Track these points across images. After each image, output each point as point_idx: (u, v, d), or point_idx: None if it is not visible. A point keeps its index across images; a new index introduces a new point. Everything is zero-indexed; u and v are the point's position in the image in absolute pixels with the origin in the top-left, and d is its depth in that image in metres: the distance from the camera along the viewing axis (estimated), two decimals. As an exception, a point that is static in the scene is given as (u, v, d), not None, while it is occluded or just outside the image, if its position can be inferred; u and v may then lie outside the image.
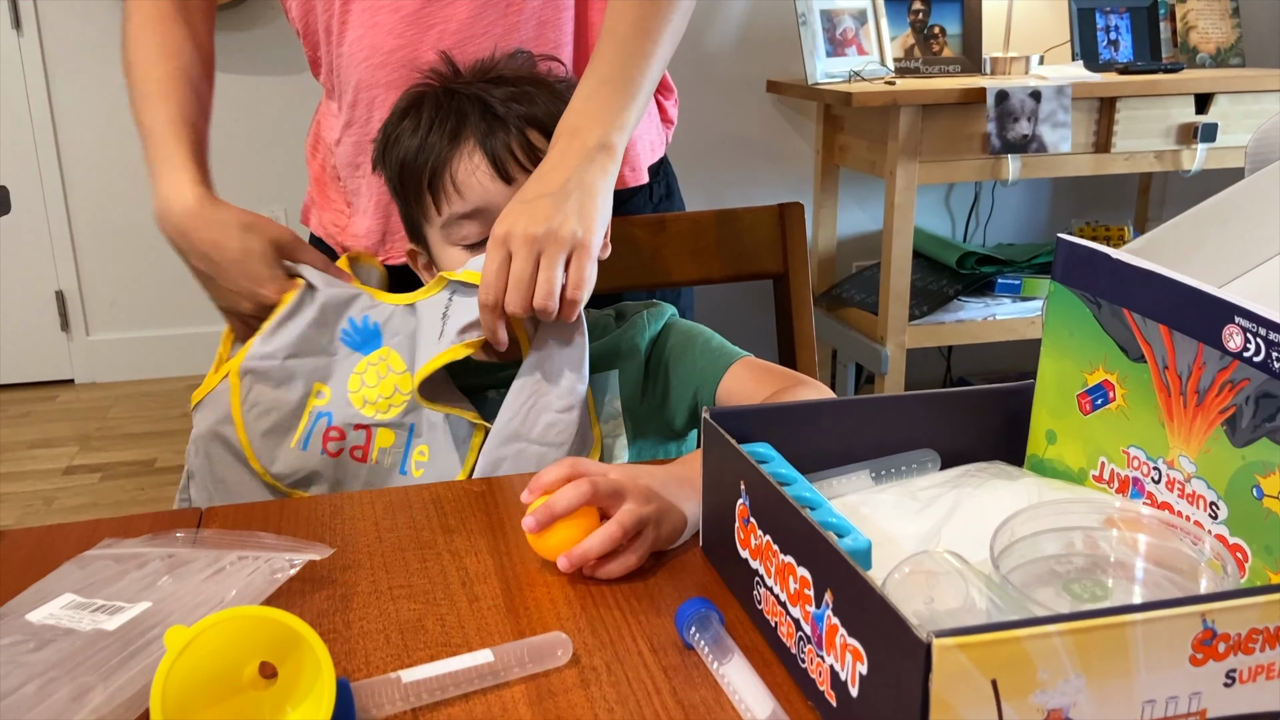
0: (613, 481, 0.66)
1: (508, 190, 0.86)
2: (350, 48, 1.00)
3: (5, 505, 2.45)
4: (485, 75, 0.91)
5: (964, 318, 2.50)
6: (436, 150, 0.87)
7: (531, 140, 0.87)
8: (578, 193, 0.82)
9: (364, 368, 0.91)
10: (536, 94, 0.89)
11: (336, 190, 1.10)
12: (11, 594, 0.61)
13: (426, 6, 0.97)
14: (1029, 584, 0.55)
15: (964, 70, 2.62)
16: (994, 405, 0.72)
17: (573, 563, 0.64)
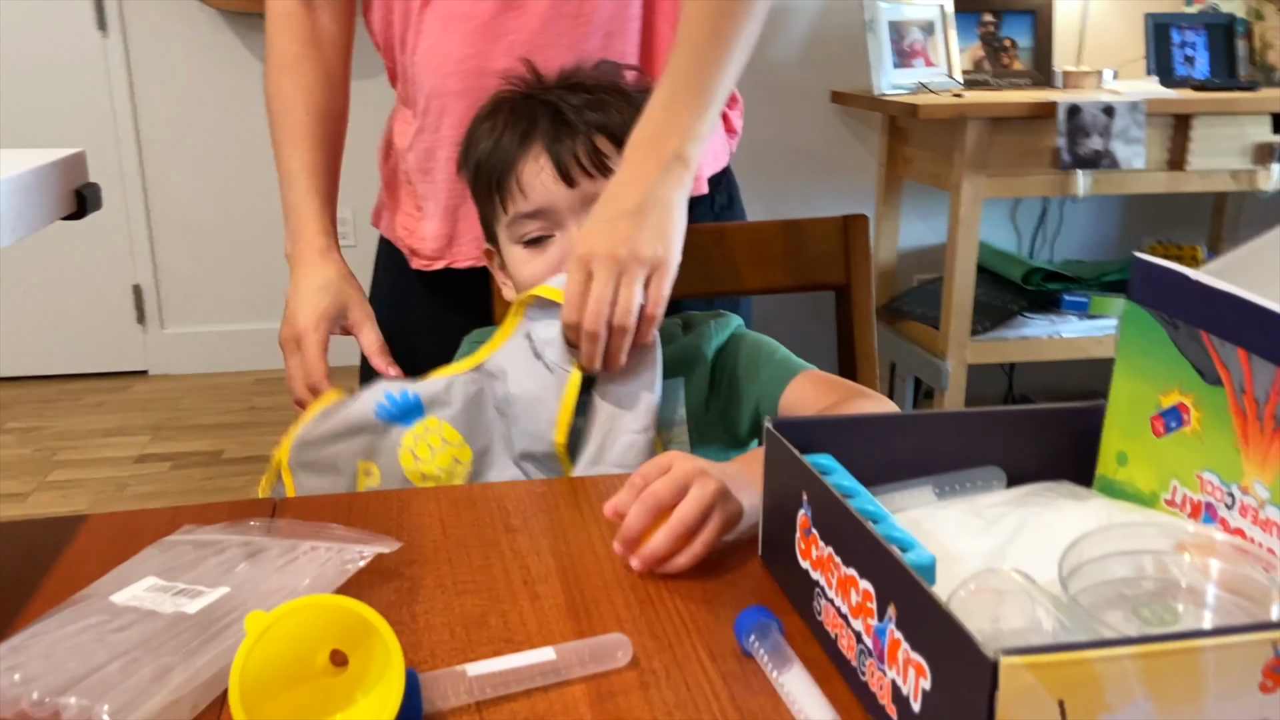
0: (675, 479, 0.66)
1: (570, 193, 0.88)
2: (422, 56, 1.03)
3: (80, 491, 2.53)
4: (564, 82, 0.93)
5: (1028, 334, 2.47)
6: (507, 152, 0.90)
7: (599, 146, 0.89)
8: (655, 210, 0.84)
9: (412, 441, 0.88)
10: (612, 102, 0.91)
11: (407, 194, 1.12)
12: (93, 576, 0.63)
13: (498, 17, 0.99)
14: (1097, 606, 0.55)
15: (1034, 84, 2.59)
16: (1063, 424, 0.72)
17: (645, 562, 0.65)
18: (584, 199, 0.88)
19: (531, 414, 0.87)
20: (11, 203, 0.78)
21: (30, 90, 3.01)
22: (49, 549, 0.69)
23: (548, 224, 0.89)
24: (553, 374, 0.87)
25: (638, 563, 0.66)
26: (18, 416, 2.96)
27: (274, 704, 0.51)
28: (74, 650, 0.53)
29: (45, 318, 3.19)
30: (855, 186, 2.93)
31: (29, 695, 0.50)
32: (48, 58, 3.01)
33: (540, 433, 0.87)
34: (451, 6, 1.00)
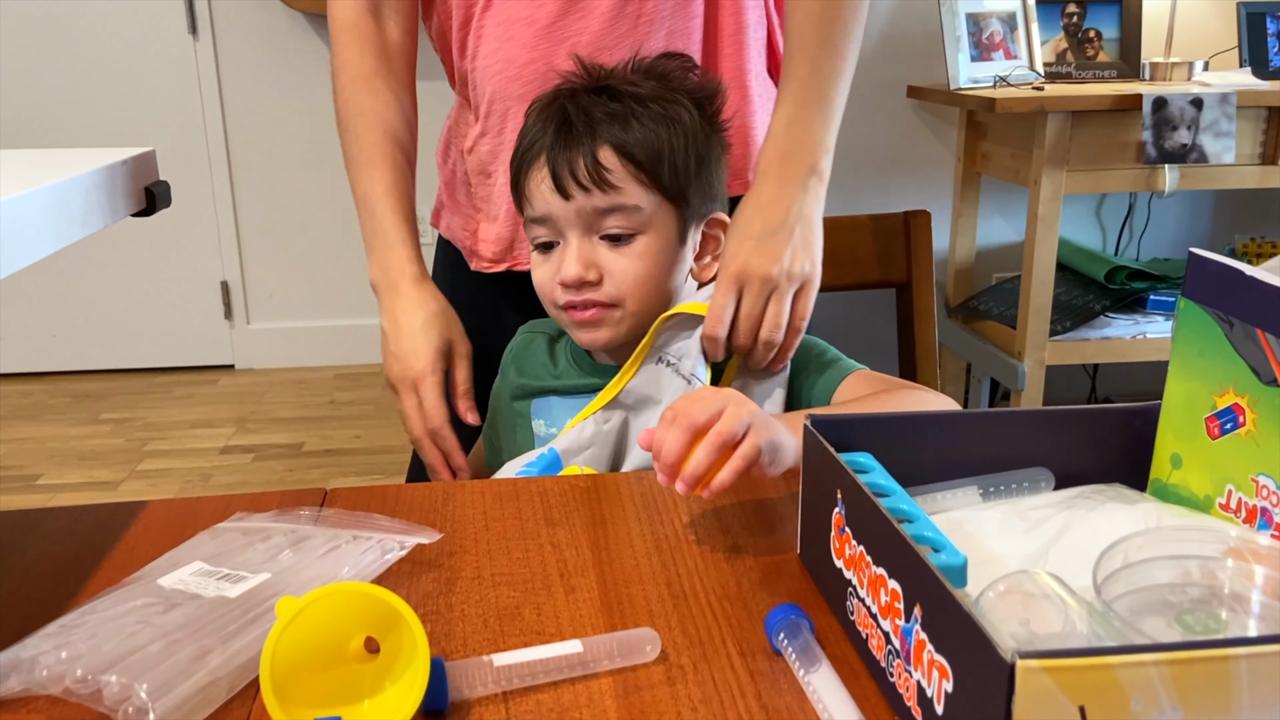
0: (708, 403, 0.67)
1: (565, 205, 0.86)
2: (484, 61, 1.03)
3: (168, 480, 2.62)
4: (597, 84, 0.90)
5: (1110, 335, 2.39)
6: (524, 155, 0.90)
7: (601, 160, 0.86)
8: (800, 226, 0.88)
9: None
10: (641, 113, 0.87)
11: (466, 195, 1.13)
12: (148, 559, 0.65)
13: (561, 20, 0.99)
14: (1139, 612, 0.53)
15: (1120, 76, 2.51)
16: (1116, 425, 0.69)
17: (688, 483, 0.66)
18: (580, 212, 0.87)
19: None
20: (82, 199, 0.81)
21: (124, 91, 3.14)
22: (109, 533, 0.72)
23: (551, 231, 0.89)
24: (690, 385, 0.88)
25: (682, 486, 0.66)
26: (112, 408, 3.09)
27: (304, 687, 0.52)
28: (118, 630, 0.55)
29: (138, 313, 3.32)
30: (932, 183, 2.88)
31: (73, 672, 0.52)
32: (141, 60, 3.13)
33: None
34: (512, 10, 1.00)
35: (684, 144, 0.88)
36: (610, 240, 0.87)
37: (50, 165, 0.83)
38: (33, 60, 3.08)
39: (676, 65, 0.93)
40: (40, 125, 3.10)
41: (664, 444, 0.66)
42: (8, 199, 0.71)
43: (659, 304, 0.90)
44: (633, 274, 0.87)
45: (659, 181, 0.87)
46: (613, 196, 0.86)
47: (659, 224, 0.88)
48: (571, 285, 0.87)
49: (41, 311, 3.28)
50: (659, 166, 0.86)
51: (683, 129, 0.88)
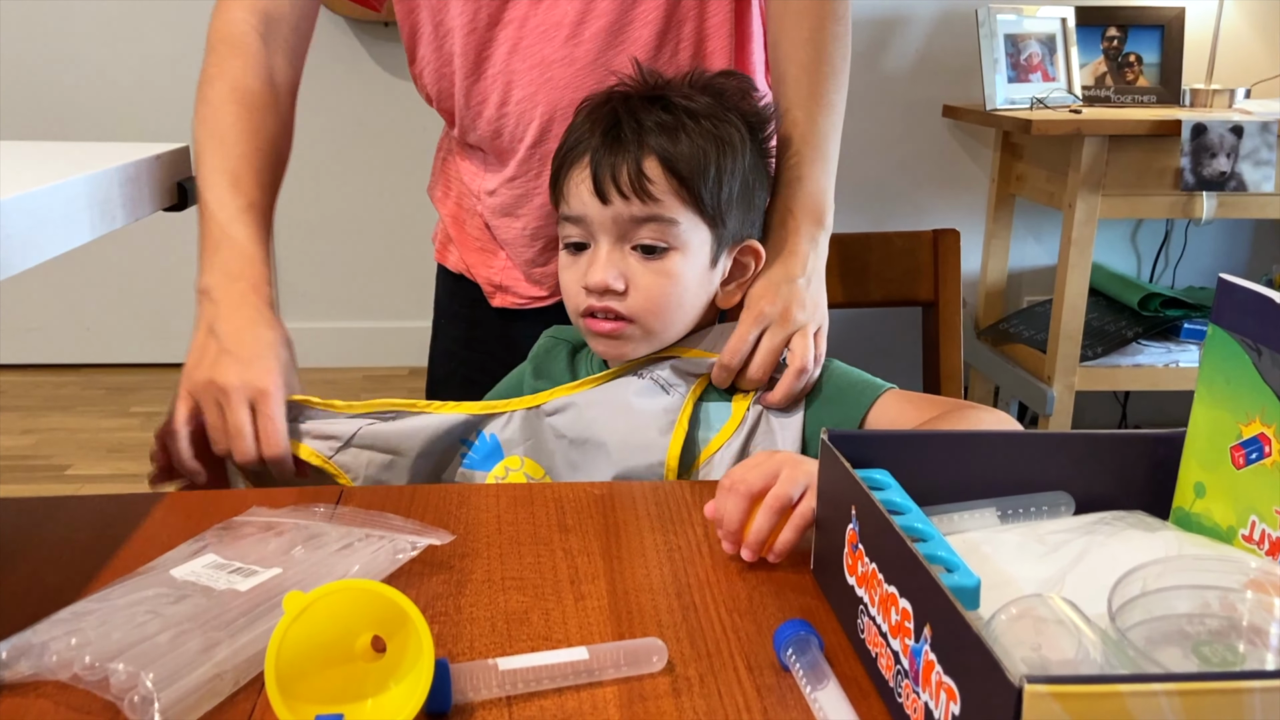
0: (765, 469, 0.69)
1: (603, 209, 0.85)
2: (519, 107, 0.99)
3: (193, 474, 2.65)
4: (651, 91, 0.89)
5: (1143, 362, 2.36)
6: (569, 152, 0.89)
7: (645, 170, 0.85)
8: (814, 278, 0.94)
9: (493, 481, 0.89)
10: (691, 128, 0.86)
11: (481, 232, 1.10)
12: (163, 549, 0.66)
13: (601, 56, 0.97)
14: (1155, 641, 0.52)
15: (1160, 101, 2.48)
16: (1139, 452, 0.68)
17: (753, 549, 0.67)
18: (616, 219, 0.85)
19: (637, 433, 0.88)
20: (114, 192, 0.82)
21: (168, 90, 3.18)
22: (127, 523, 0.72)
23: (584, 233, 0.88)
24: (669, 394, 0.88)
25: (748, 553, 0.68)
26: (143, 401, 3.12)
27: (309, 683, 0.52)
28: (128, 619, 0.55)
29: (171, 309, 3.36)
30: (966, 203, 2.86)
31: (81, 659, 0.52)
32: (186, 60, 3.17)
33: (650, 443, 0.87)
34: (544, 52, 0.97)
35: (731, 166, 0.87)
36: (642, 251, 0.86)
37: (84, 158, 0.85)
38: (76, 58, 3.13)
39: (735, 85, 0.92)
40: (80, 121, 3.15)
41: (724, 513, 0.69)
42: (41, 189, 0.72)
43: (678, 326, 0.89)
44: (657, 291, 0.86)
45: (699, 199, 0.85)
46: (651, 207, 0.85)
47: (693, 242, 0.87)
48: (596, 291, 0.87)
49: (77, 305, 3.33)
50: (702, 184, 0.85)
51: (732, 150, 0.87)
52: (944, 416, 0.82)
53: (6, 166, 0.86)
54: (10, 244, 0.70)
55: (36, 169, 0.81)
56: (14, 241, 0.70)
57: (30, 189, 0.72)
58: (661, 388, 0.89)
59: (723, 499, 0.69)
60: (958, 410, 0.83)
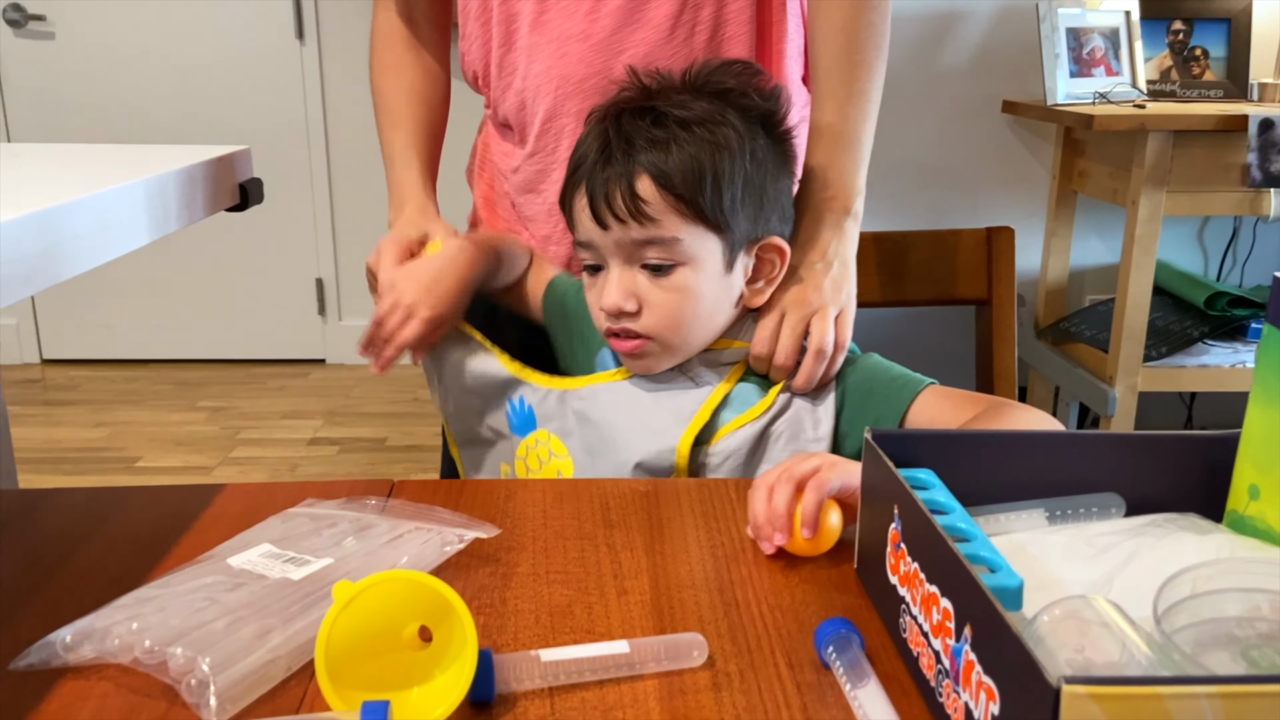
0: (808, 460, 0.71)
1: (604, 234, 0.85)
2: (537, 80, 1.01)
3: (257, 468, 2.71)
4: (641, 103, 0.87)
5: (1208, 363, 2.30)
6: (572, 178, 0.89)
7: (638, 191, 0.84)
8: (837, 261, 0.93)
9: (524, 452, 0.95)
10: (683, 138, 0.84)
11: (509, 211, 1.12)
12: (222, 539, 0.68)
13: (617, 32, 0.98)
14: (1203, 644, 0.51)
15: (1226, 96, 2.42)
16: (1193, 453, 0.67)
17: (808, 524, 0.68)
18: (619, 242, 0.85)
19: (654, 419, 0.89)
20: (179, 193, 0.85)
21: (232, 93, 3.26)
22: (188, 513, 0.75)
23: (595, 256, 0.88)
24: (698, 386, 0.90)
25: (780, 536, 0.68)
26: (209, 396, 3.20)
27: (357, 670, 0.53)
28: (187, 606, 0.57)
29: (238, 307, 3.44)
30: (1026, 200, 2.82)
31: (141, 643, 0.54)
32: (250, 63, 3.25)
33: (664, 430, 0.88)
34: (564, 27, 0.99)
35: (730, 169, 0.84)
36: (651, 270, 0.86)
37: (150, 160, 0.87)
38: (149, 62, 3.22)
39: (736, 81, 0.89)
40: (152, 124, 3.24)
41: (751, 514, 0.70)
42: (108, 190, 0.75)
43: (699, 336, 0.89)
44: (670, 307, 0.86)
45: (700, 211, 0.84)
46: (650, 229, 0.84)
47: (700, 254, 0.86)
48: (610, 313, 0.87)
49: (147, 303, 3.42)
50: (699, 195, 0.83)
51: (729, 154, 0.84)
52: (984, 415, 0.82)
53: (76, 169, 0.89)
54: (79, 243, 0.72)
55: (105, 171, 0.84)
56: (82, 241, 0.73)
57: (98, 190, 0.75)
58: (691, 380, 0.91)
59: (749, 505, 0.71)
60: (998, 409, 0.82)
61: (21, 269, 0.66)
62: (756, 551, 0.70)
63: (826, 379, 0.91)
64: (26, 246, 0.67)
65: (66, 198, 0.72)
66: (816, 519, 0.68)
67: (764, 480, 0.70)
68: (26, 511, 0.76)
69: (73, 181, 0.78)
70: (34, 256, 0.68)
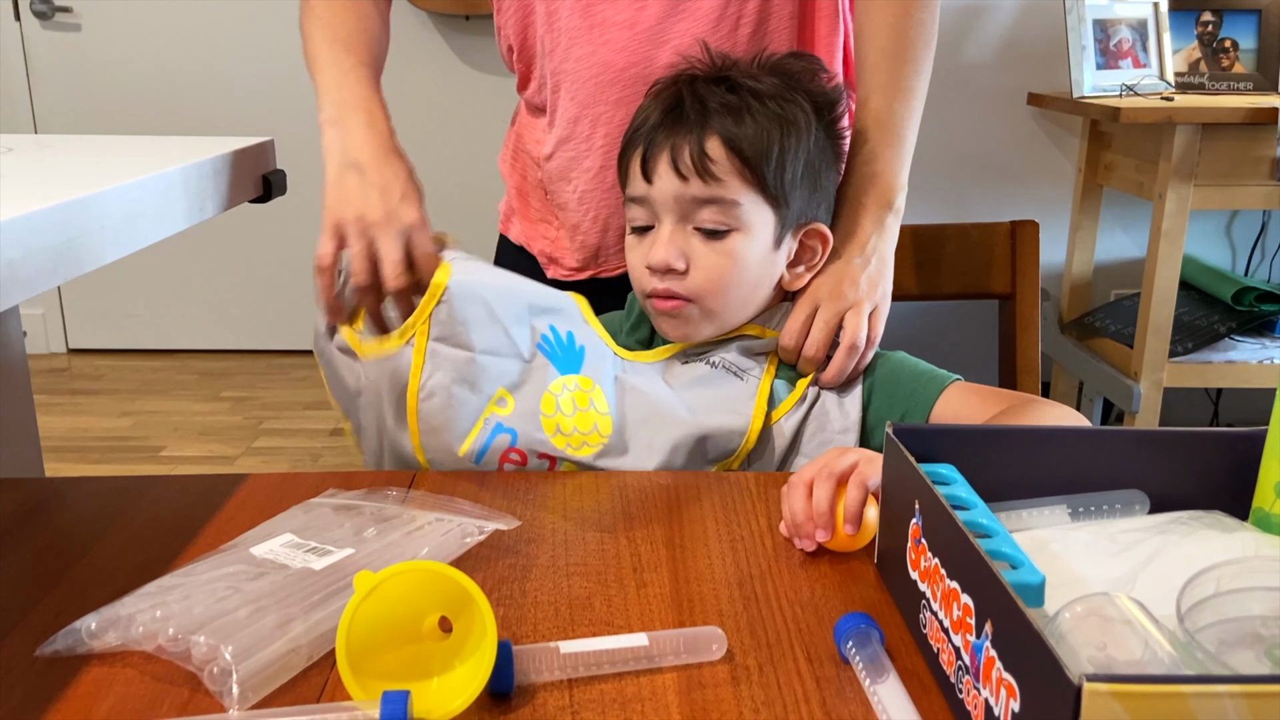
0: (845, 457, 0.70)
1: (665, 189, 0.85)
2: (576, 65, 1.00)
3: (280, 458, 2.73)
4: (717, 72, 0.89)
5: (1235, 358, 2.28)
6: (634, 133, 0.89)
7: (707, 151, 0.84)
8: (875, 257, 0.93)
9: (559, 389, 0.85)
10: (756, 109, 0.85)
11: (541, 202, 1.12)
12: (245, 528, 0.69)
13: (663, 22, 0.97)
14: (1228, 643, 0.51)
15: (1256, 88, 2.39)
16: (1219, 450, 0.66)
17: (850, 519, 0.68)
18: (678, 198, 0.85)
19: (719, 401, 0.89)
20: (203, 185, 0.86)
21: (258, 84, 3.27)
22: (211, 502, 0.75)
23: (648, 215, 0.88)
24: (743, 380, 0.89)
25: (822, 534, 0.68)
26: (234, 386, 3.23)
27: (378, 660, 0.54)
28: (210, 594, 0.57)
29: (262, 298, 3.46)
30: (1051, 193, 2.79)
31: (165, 631, 0.55)
32: (275, 54, 3.26)
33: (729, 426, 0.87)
34: (609, 13, 0.98)
35: (795, 146, 0.86)
36: (704, 234, 0.86)
37: (175, 152, 0.88)
38: (174, 54, 3.24)
39: (803, 66, 0.91)
40: (177, 115, 3.26)
41: (790, 512, 0.70)
42: (133, 182, 0.75)
43: (739, 308, 0.89)
44: (719, 271, 0.86)
45: (763, 180, 0.85)
46: (713, 188, 0.84)
47: (755, 223, 0.86)
48: (658, 270, 0.87)
49: (173, 293, 3.45)
50: (765, 165, 0.85)
51: (796, 131, 0.86)
52: (1010, 411, 0.81)
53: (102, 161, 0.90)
54: (105, 234, 0.73)
55: (130, 163, 0.84)
56: (108, 231, 0.73)
57: (123, 181, 0.76)
58: (735, 374, 0.90)
59: (785, 504, 0.71)
60: (1024, 405, 0.82)
61: (48, 260, 0.67)
62: (776, 546, 0.70)
63: (855, 374, 0.91)
64: (53, 237, 0.68)
65: (92, 189, 0.72)
66: (860, 515, 0.67)
67: (800, 478, 0.70)
68: (52, 500, 0.77)
69: (98, 173, 0.78)
70: (60, 247, 0.68)
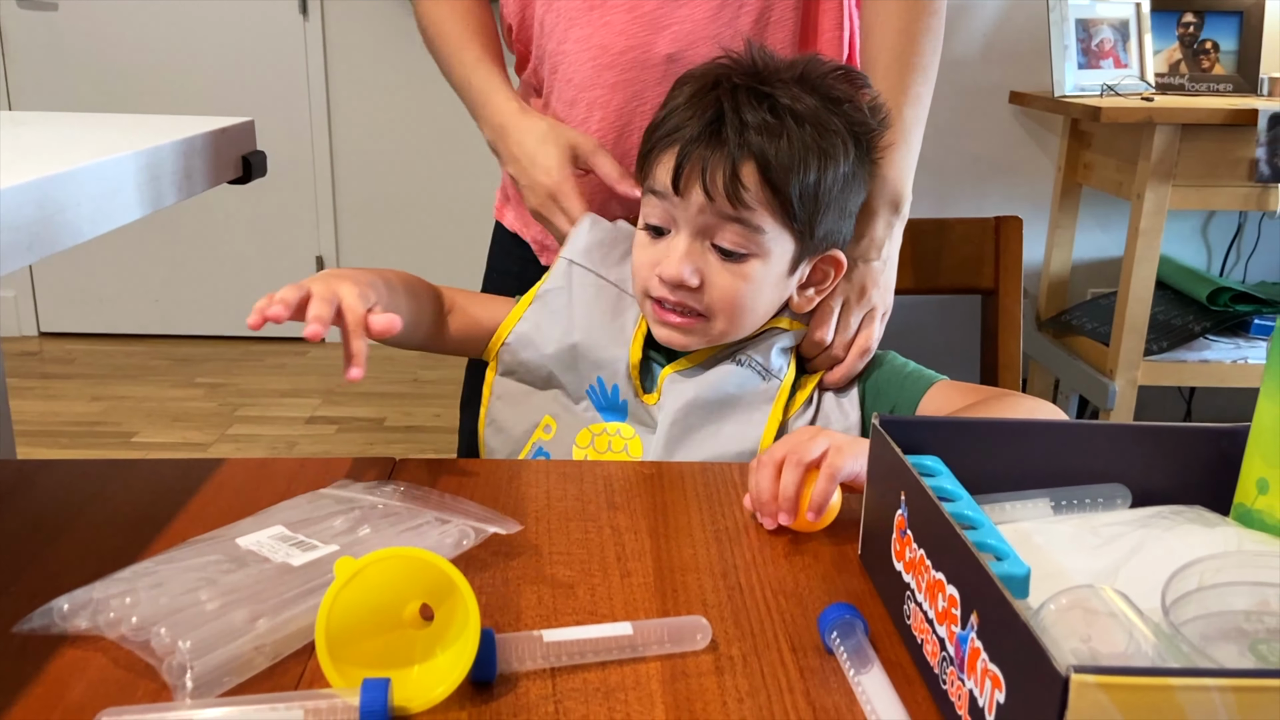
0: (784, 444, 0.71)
1: (691, 200, 0.83)
2: (575, 46, 1.00)
3: (254, 445, 2.71)
4: (760, 83, 0.83)
5: (1209, 358, 2.30)
6: (665, 129, 0.85)
7: (740, 174, 0.81)
8: (889, 262, 0.96)
9: (600, 430, 0.91)
10: (793, 132, 0.81)
11: None
12: (222, 513, 0.68)
13: (663, 6, 0.97)
14: (1211, 637, 0.51)
15: (1236, 90, 2.41)
16: (1201, 446, 0.67)
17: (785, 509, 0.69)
18: (701, 211, 0.83)
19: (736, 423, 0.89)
20: (182, 163, 0.84)
21: (236, 67, 3.24)
22: (186, 487, 0.74)
23: (666, 216, 0.85)
24: (766, 381, 0.89)
25: (784, 517, 0.69)
26: (208, 373, 3.20)
27: (358, 647, 0.53)
28: (181, 585, 0.56)
29: (237, 283, 3.43)
30: (1031, 191, 2.81)
31: (129, 620, 0.53)
32: (253, 38, 3.23)
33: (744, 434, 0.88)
34: None
35: (829, 180, 0.83)
36: (721, 253, 0.84)
37: (153, 130, 0.87)
38: (152, 35, 3.20)
39: (846, 88, 0.86)
40: (154, 97, 3.22)
41: (755, 489, 0.71)
42: (110, 159, 0.74)
43: (747, 326, 0.88)
44: (733, 291, 0.84)
45: (791, 210, 0.82)
46: (741, 212, 0.82)
47: (775, 251, 0.85)
48: (669, 283, 0.85)
49: (147, 277, 3.41)
50: (795, 198, 0.82)
51: (833, 163, 0.83)
52: (984, 402, 0.82)
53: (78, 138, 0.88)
54: (80, 212, 0.72)
55: (107, 140, 0.83)
56: (84, 209, 0.72)
57: (100, 159, 0.74)
58: (759, 374, 0.89)
59: (751, 479, 0.71)
60: (999, 397, 0.83)
61: (22, 237, 0.65)
62: (760, 536, 0.70)
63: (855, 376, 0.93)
64: (27, 214, 0.66)
65: (68, 166, 0.71)
66: (825, 506, 0.68)
67: (770, 457, 0.70)
68: (25, 482, 0.76)
69: (75, 150, 0.77)
70: (35, 224, 0.67)
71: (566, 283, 0.93)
